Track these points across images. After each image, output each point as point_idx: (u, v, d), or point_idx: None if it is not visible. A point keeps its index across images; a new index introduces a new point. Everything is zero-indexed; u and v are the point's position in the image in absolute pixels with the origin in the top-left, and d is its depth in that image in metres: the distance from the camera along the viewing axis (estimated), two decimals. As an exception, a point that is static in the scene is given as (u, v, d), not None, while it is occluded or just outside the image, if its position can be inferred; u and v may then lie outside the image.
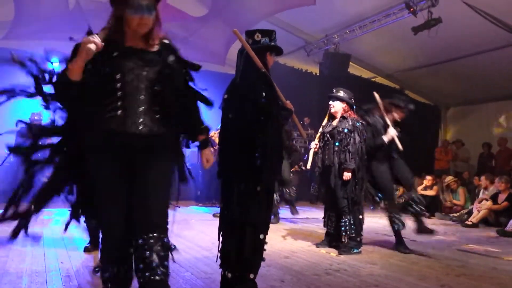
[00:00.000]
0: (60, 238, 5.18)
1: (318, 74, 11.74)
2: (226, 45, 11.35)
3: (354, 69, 11.86)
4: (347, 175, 4.67)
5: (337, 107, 4.92)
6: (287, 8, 9.74)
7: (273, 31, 3.20)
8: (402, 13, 8.83)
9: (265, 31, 3.17)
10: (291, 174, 7.03)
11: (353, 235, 4.70)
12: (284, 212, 7.43)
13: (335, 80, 10.45)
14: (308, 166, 5.41)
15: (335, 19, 10.15)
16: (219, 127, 4.39)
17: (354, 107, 5.00)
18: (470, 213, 7.66)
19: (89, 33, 2.34)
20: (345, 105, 4.91)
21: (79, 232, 5.59)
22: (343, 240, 4.84)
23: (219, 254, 3.01)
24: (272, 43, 3.14)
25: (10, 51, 2.73)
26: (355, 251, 4.68)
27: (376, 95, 5.02)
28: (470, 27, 8.52)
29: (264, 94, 2.92)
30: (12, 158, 2.85)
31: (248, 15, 10.17)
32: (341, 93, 4.96)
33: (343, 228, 4.75)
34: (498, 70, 9.79)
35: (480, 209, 7.42)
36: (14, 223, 2.40)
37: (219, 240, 3.03)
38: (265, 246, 3.04)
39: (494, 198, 7.55)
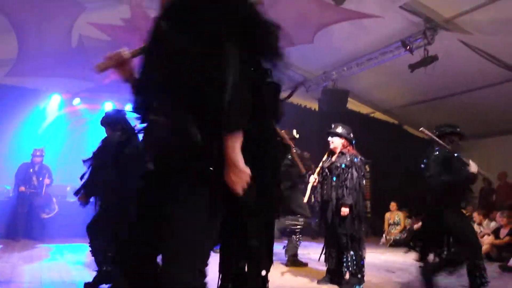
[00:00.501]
0: (58, 274, 5.12)
1: (317, 109, 11.87)
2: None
3: (352, 105, 11.99)
4: (344, 211, 4.65)
5: (336, 143, 4.96)
6: (286, 46, 9.90)
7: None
8: (398, 51, 8.98)
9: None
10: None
11: (354, 271, 4.64)
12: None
13: (334, 115, 10.54)
14: (305, 200, 5.41)
15: (333, 56, 10.34)
16: None
17: (354, 142, 5.04)
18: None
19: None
20: (344, 140, 4.95)
21: (77, 268, 5.54)
22: (344, 276, 4.78)
23: None
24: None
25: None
26: (357, 287, 4.61)
27: (425, 130, 4.65)
28: (466, 64, 8.69)
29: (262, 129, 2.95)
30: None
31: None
32: (339, 129, 5.00)
33: (344, 264, 4.69)
34: (494, 105, 9.91)
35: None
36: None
37: (219, 277, 3.00)
38: (267, 283, 3.00)
39: (496, 232, 7.49)
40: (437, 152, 4.30)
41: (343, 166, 4.78)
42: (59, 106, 10.99)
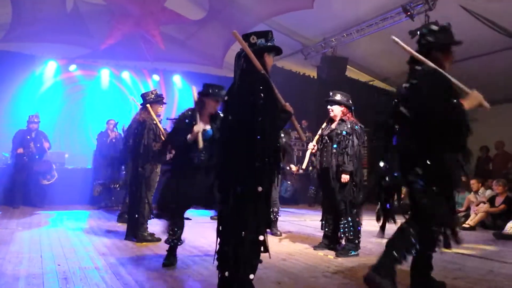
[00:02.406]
0: (57, 240, 5.18)
1: (315, 77, 11.77)
2: (223, 48, 11.37)
3: (351, 73, 11.88)
4: (345, 178, 4.68)
5: (336, 110, 4.93)
6: (285, 12, 9.77)
7: (269, 31, 3.19)
8: (399, 17, 8.86)
9: (260, 32, 3.17)
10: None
11: (351, 237, 4.71)
12: (282, 215, 7.42)
13: (333, 83, 10.47)
14: (304, 167, 5.41)
15: (333, 22, 10.17)
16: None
17: (353, 108, 5.01)
18: (467, 216, 7.67)
19: None
20: (343, 108, 4.92)
21: (76, 234, 5.61)
22: (341, 242, 4.85)
23: (216, 256, 3.01)
24: (269, 44, 3.13)
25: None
26: (353, 253, 4.68)
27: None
28: (467, 30, 8.52)
29: (262, 95, 2.92)
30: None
31: (246, 18, 10.19)
32: (338, 96, 4.97)
33: (341, 230, 4.75)
34: (495, 73, 9.82)
35: (478, 212, 7.43)
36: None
37: (216, 241, 3.03)
38: (263, 248, 3.04)
39: (491, 201, 7.56)
40: None
41: (344, 133, 4.77)
42: (55, 72, 10.87)
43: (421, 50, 3.20)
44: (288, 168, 7.83)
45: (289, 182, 9.16)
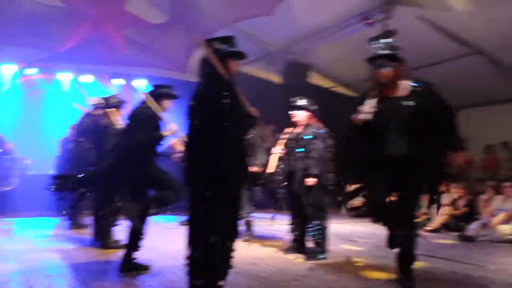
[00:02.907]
0: (21, 247, 5.01)
1: (279, 83, 11.89)
2: (187, 53, 11.31)
3: (314, 79, 12.08)
4: (311, 181, 4.76)
5: (299, 116, 5.02)
6: (247, 18, 9.83)
7: (233, 36, 3.23)
8: (358, 25, 9.10)
9: (223, 38, 3.21)
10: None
11: (319, 240, 4.79)
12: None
13: (296, 89, 10.62)
14: (271, 171, 5.47)
15: (295, 29, 10.32)
16: (182, 134, 4.43)
17: (317, 114, 5.12)
18: (431, 218, 7.88)
19: None
20: (308, 112, 5.01)
21: (40, 241, 5.43)
22: (309, 246, 4.92)
23: (186, 262, 3.00)
24: (233, 49, 3.17)
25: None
26: (322, 256, 4.77)
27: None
28: (423, 39, 8.89)
29: (227, 100, 2.96)
30: None
31: (209, 24, 10.18)
32: (301, 102, 5.08)
33: (309, 234, 4.83)
34: (451, 80, 10.18)
35: (441, 214, 7.65)
36: None
37: (187, 248, 3.02)
38: (233, 253, 3.07)
39: (454, 203, 7.82)
40: None
41: (309, 137, 4.86)
42: (13, 76, 10.51)
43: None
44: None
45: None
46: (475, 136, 10.96)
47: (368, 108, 3.64)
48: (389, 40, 3.83)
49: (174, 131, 4.31)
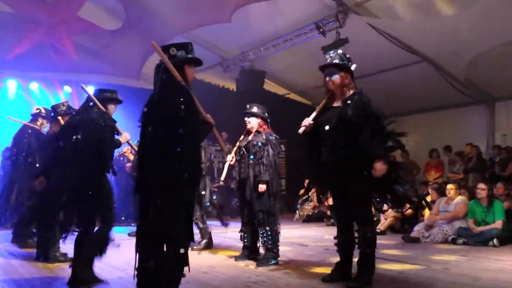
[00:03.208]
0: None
1: (234, 90, 11.92)
2: (141, 59, 11.16)
3: (269, 86, 12.20)
4: (261, 187, 4.78)
5: (252, 122, 5.07)
6: (203, 25, 9.83)
7: (189, 43, 3.22)
8: (312, 33, 9.28)
9: (180, 44, 3.19)
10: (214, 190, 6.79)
11: (270, 246, 4.81)
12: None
13: (251, 96, 10.66)
14: (222, 178, 5.47)
15: (251, 37, 10.42)
16: (136, 141, 4.36)
17: (268, 121, 5.16)
18: (377, 221, 8.10)
19: None
20: (259, 120, 5.06)
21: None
22: (260, 252, 4.93)
23: (136, 273, 2.93)
24: (189, 55, 3.15)
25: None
26: (273, 262, 4.78)
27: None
28: (375, 47, 9.17)
29: (183, 107, 2.93)
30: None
31: (164, 30, 10.10)
32: (255, 109, 5.11)
33: (260, 240, 4.84)
34: (399, 87, 10.60)
35: (387, 217, 7.89)
36: None
37: (136, 258, 2.96)
38: (186, 262, 3.02)
39: (399, 206, 8.06)
40: None
41: (259, 144, 4.90)
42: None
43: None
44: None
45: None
46: (421, 140, 11.43)
47: (305, 121, 3.98)
48: (340, 51, 4.05)
49: (127, 138, 4.22)
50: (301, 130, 3.97)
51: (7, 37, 9.52)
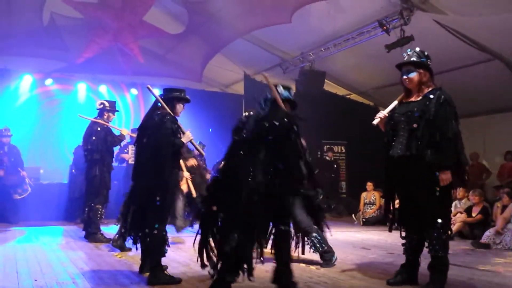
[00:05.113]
0: (33, 255, 5.04)
1: (294, 91, 11.86)
2: (202, 62, 11.41)
3: (329, 87, 12.02)
4: None
5: None
6: (264, 26, 9.87)
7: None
8: (375, 32, 9.04)
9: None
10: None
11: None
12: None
13: (311, 97, 10.59)
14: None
15: (311, 37, 10.32)
16: (198, 142, 4.48)
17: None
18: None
19: None
20: None
21: (53, 249, 5.47)
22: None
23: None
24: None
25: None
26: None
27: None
28: (442, 45, 8.77)
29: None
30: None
31: (225, 33, 10.26)
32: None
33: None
34: (468, 87, 10.04)
35: (455, 222, 7.53)
36: None
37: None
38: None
39: (468, 211, 7.68)
40: None
41: None
42: (30, 86, 10.71)
43: None
44: None
45: None
46: (493, 142, 10.81)
47: (380, 113, 4.04)
48: (418, 48, 3.98)
49: (189, 138, 4.29)
50: (375, 121, 4.02)
51: (77, 42, 10.06)
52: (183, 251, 5.49)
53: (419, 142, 3.65)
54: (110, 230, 6.36)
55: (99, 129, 6.22)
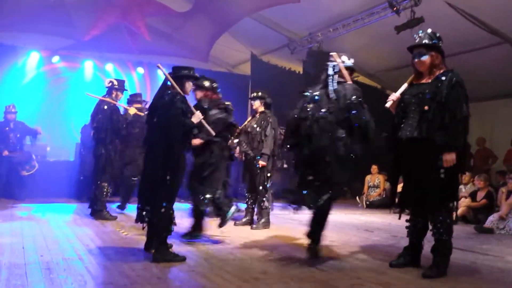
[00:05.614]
0: (39, 231, 5.10)
1: (301, 72, 11.77)
2: (209, 42, 11.31)
3: (336, 68, 11.89)
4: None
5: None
6: (272, 5, 9.75)
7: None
8: (385, 12, 8.90)
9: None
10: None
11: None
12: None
13: (319, 78, 10.48)
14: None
15: (319, 17, 10.18)
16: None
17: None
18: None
19: None
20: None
21: (59, 226, 5.54)
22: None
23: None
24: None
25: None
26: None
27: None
28: (452, 27, 8.61)
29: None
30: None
31: (232, 12, 10.15)
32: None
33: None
34: (479, 70, 9.90)
35: (459, 206, 7.52)
36: None
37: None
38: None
39: (473, 195, 7.67)
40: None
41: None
42: (37, 63, 10.69)
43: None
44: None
45: None
46: (502, 127, 10.71)
47: (393, 95, 3.99)
48: (430, 30, 3.89)
49: (199, 118, 4.23)
50: (388, 104, 3.98)
51: (84, 19, 9.98)
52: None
53: (430, 124, 3.61)
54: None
55: (105, 107, 6.24)
